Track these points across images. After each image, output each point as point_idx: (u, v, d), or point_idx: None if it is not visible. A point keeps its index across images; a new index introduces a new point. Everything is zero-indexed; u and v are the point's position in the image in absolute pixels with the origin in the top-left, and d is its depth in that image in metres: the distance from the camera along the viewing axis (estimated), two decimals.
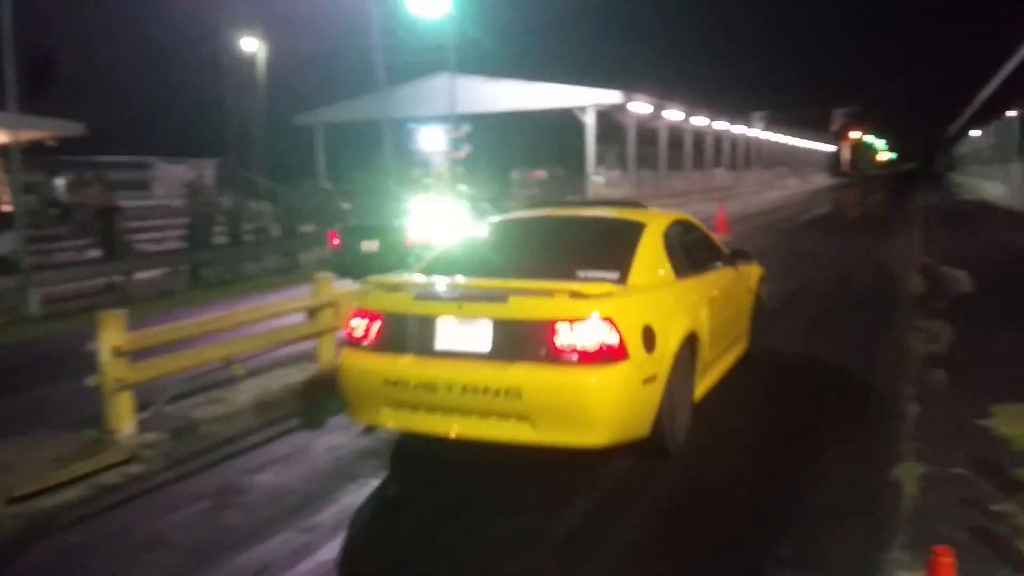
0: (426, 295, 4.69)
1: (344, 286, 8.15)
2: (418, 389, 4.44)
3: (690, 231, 6.15)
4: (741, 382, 6.45)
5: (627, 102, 38.09)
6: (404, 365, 4.51)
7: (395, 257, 11.20)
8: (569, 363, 4.21)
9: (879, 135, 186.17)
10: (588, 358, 4.20)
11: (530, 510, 4.31)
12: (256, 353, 7.06)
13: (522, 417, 4.21)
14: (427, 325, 4.54)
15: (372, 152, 31.97)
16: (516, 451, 4.48)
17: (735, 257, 6.64)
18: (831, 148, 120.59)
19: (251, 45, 31.06)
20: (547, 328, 4.26)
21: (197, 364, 6.40)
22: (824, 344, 8.24)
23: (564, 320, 4.24)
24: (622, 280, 4.75)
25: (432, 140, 28.49)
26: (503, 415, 4.24)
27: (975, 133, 68.77)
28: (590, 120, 37.47)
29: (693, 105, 47.11)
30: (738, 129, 62.68)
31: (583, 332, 4.22)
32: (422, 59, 32.36)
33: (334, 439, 5.89)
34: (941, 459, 4.95)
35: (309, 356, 7.73)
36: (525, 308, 4.35)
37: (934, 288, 11.61)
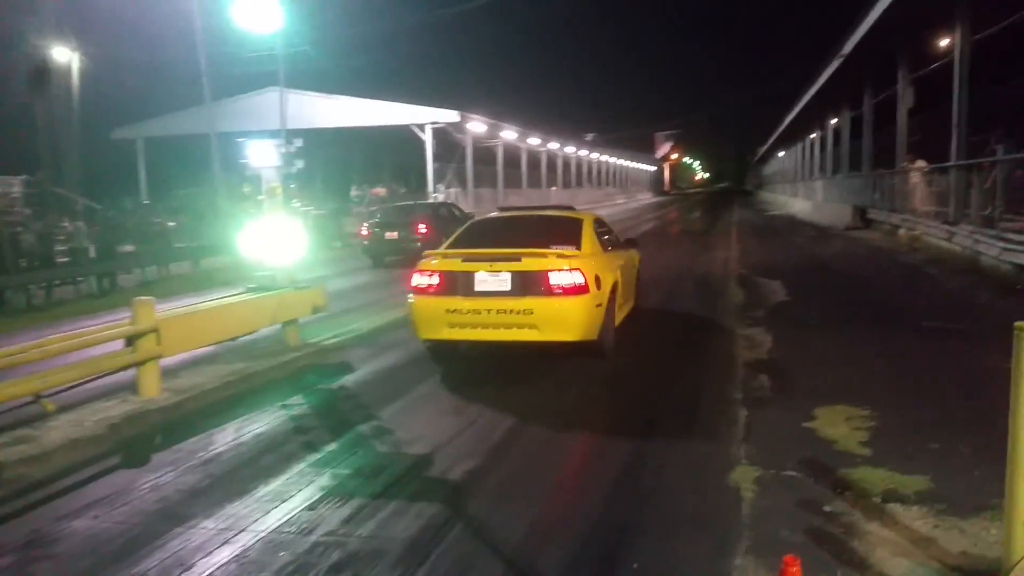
0: (469, 259, 7.48)
1: (167, 307, 7.54)
2: (467, 314, 7.29)
3: (603, 225, 9.27)
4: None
5: (464, 121, 38.27)
6: (458, 300, 7.35)
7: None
8: (558, 295, 7.18)
9: (695, 156, 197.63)
10: (568, 291, 7.18)
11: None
12: (69, 386, 6.36)
13: (532, 327, 7.17)
14: (470, 276, 7.37)
15: (199, 168, 30.38)
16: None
17: (628, 243, 10.21)
18: (653, 168, 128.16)
19: (63, 55, 28.79)
20: (544, 275, 7.21)
21: (1, 400, 5.68)
22: (664, 344, 8.51)
23: (554, 271, 7.21)
24: (578, 249, 7.66)
25: (263, 155, 27.37)
26: (520, 326, 7.18)
27: (781, 154, 74.17)
28: (428, 138, 37.39)
29: (528, 126, 48.16)
30: (570, 149, 64.69)
31: (564, 277, 7.20)
32: (252, 71, 31.12)
33: (159, 477, 5.38)
34: (774, 462, 5.08)
35: (129, 387, 7.06)
36: (530, 264, 7.27)
37: (752, 297, 12.17)
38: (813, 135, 46.71)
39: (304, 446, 5.88)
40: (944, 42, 21.36)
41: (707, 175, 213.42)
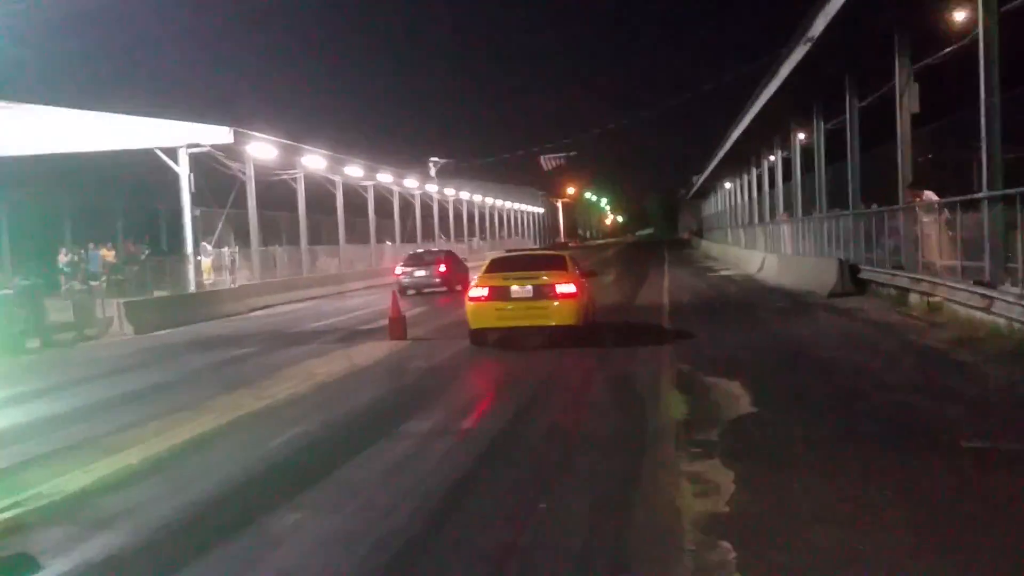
0: (506, 278, 19.26)
1: None
2: (507, 310, 18.96)
3: (574, 260, 21.61)
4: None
5: (242, 143, 35.87)
6: (500, 302, 19.00)
7: None
8: (561, 298, 18.82)
9: (602, 192, 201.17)
10: (566, 297, 18.84)
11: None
12: None
13: (547, 316, 18.82)
14: (507, 287, 19.00)
15: None
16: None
17: (589, 274, 22.35)
18: (541, 211, 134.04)
19: None
20: (553, 287, 18.87)
21: None
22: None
23: (558, 282, 19.00)
24: (566, 272, 19.73)
25: None
26: (539, 316, 18.84)
27: (728, 186, 75.78)
28: (184, 168, 34.38)
29: (347, 150, 47.37)
30: (412, 183, 64.08)
31: (564, 287, 18.95)
32: None
33: None
34: None
35: None
36: (544, 279, 19.08)
37: (699, 409, 11.86)
38: (772, 156, 48.08)
39: None
40: (961, 15, 21.57)
41: (621, 219, 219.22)
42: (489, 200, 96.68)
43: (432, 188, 71.45)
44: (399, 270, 40.11)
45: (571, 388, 14.81)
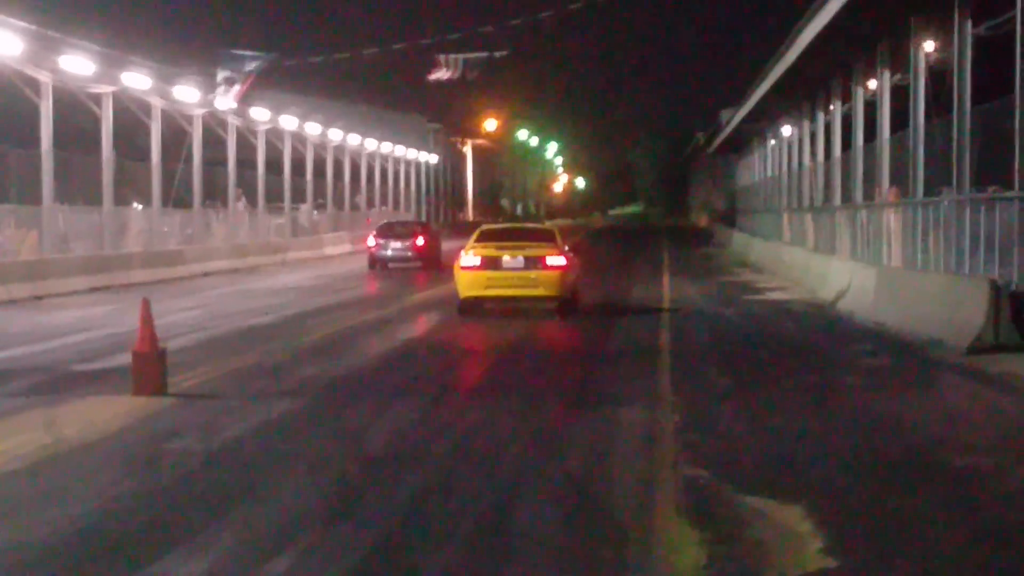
0: (499, 247, 23.06)
1: None
2: (497, 279, 22.71)
3: (562, 232, 27.41)
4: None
5: None
6: (492, 271, 22.71)
7: None
8: (550, 269, 22.73)
9: (549, 136, 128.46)
10: (556, 268, 22.78)
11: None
12: None
13: (536, 287, 22.71)
14: (499, 258, 22.75)
15: None
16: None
17: (572, 248, 26.34)
18: (436, 160, 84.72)
19: None
20: (543, 258, 22.73)
21: None
22: None
23: (549, 255, 22.89)
24: (555, 245, 23.85)
25: None
26: (529, 287, 22.77)
27: (787, 131, 48.30)
28: None
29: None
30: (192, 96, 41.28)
31: (554, 259, 22.86)
32: None
33: None
34: None
35: None
36: (535, 251, 23.04)
37: None
38: (875, 81, 30.68)
39: None
40: None
41: (583, 183, 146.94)
42: (335, 134, 59.30)
43: (227, 106, 44.78)
44: (372, 242, 41.94)
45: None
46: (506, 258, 22.04)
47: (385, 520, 8.55)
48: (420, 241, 40.72)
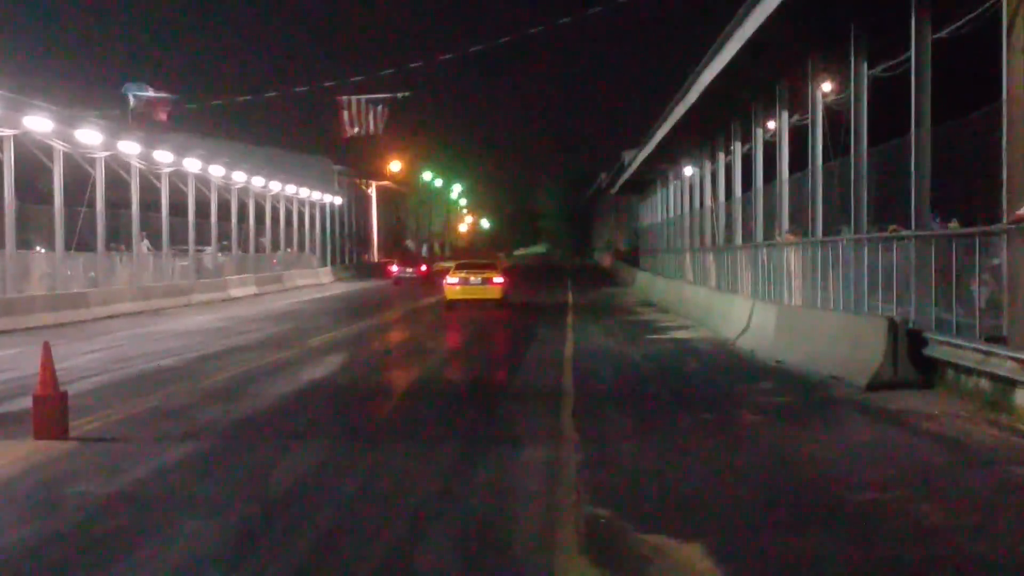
0: (467, 272, 45.99)
1: None
2: (467, 290, 45.25)
3: (501, 262, 77.19)
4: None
5: None
6: (464, 285, 45.19)
7: None
8: (495, 285, 45.82)
9: (452, 175, 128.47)
10: (498, 285, 45.91)
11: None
12: None
13: (487, 293, 44.89)
14: (468, 278, 45.62)
15: None
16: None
17: (505, 271, 54.10)
18: (340, 201, 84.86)
19: None
20: (491, 278, 46.22)
21: None
22: None
23: (494, 275, 46.90)
24: (496, 270, 48.61)
25: None
26: (484, 294, 44.68)
27: (689, 172, 47.93)
28: None
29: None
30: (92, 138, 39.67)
31: (497, 279, 46.47)
32: None
33: None
34: None
35: None
36: (486, 274, 47.15)
37: None
38: (773, 121, 31.04)
39: None
40: None
41: (488, 224, 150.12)
42: (239, 176, 57.55)
43: (131, 149, 43.63)
44: (395, 268, 70.91)
45: None
46: (472, 278, 40.95)
47: (287, 562, 8.48)
48: (424, 268, 72.82)
